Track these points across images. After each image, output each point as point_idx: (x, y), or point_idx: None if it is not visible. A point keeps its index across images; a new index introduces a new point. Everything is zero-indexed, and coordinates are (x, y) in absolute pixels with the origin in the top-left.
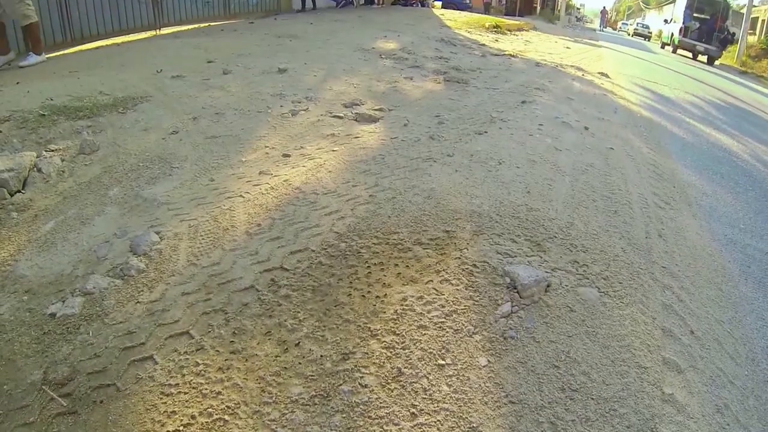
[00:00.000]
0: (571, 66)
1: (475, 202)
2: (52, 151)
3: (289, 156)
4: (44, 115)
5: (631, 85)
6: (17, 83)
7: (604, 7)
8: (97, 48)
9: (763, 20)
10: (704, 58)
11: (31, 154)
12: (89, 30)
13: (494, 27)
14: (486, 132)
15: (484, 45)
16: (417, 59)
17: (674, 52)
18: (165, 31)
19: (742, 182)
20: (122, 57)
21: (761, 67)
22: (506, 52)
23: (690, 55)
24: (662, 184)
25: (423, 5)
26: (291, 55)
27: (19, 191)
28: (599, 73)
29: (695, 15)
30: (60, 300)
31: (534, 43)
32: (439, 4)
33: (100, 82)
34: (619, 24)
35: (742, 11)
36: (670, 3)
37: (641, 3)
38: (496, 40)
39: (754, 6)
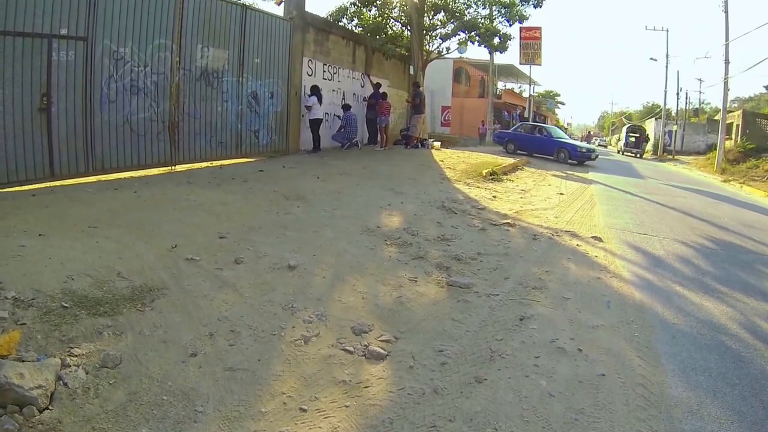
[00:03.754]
0: (566, 231)
1: None
2: (76, 356)
3: (305, 411)
4: (66, 307)
5: (623, 248)
6: (40, 235)
7: (590, 132)
8: (116, 186)
9: (737, 125)
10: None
11: (57, 363)
12: (110, 162)
13: (491, 174)
14: (486, 379)
15: (483, 208)
16: (420, 245)
17: (622, 154)
18: (180, 168)
19: (730, 375)
20: (139, 213)
21: (740, 170)
22: (504, 220)
23: (632, 155)
24: (648, 413)
25: (423, 145)
26: (299, 235)
27: (47, 408)
28: (593, 237)
29: (630, 134)
30: None
31: (530, 192)
32: (438, 144)
33: (118, 255)
34: (593, 140)
35: (716, 118)
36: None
37: (623, 119)
38: (494, 197)
39: (729, 111)
